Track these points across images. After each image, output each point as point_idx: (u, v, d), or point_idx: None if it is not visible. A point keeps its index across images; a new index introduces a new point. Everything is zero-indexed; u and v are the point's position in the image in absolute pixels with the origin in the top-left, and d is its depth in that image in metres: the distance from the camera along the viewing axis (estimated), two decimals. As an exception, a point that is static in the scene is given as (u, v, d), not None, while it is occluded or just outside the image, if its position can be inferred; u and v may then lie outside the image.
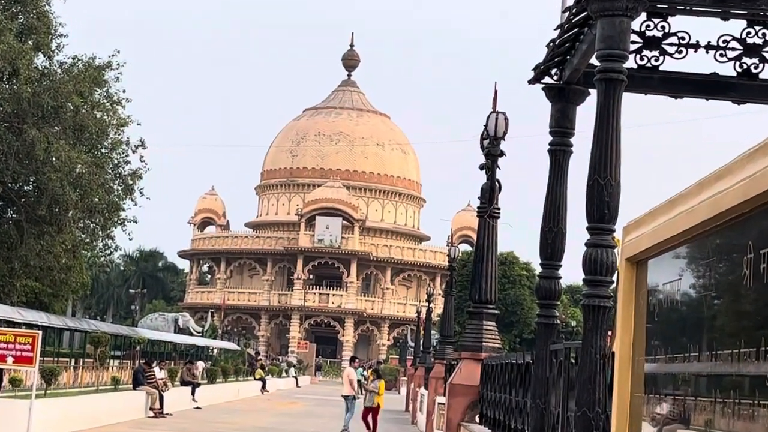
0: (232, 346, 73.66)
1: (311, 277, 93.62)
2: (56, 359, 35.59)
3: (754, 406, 2.20)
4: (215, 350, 66.07)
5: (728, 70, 7.86)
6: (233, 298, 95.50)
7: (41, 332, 19.26)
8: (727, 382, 2.35)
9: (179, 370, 35.65)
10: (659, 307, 2.94)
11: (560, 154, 8.36)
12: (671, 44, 7.70)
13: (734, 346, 2.31)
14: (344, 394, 26.89)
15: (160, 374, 30.55)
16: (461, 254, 48.57)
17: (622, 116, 6.23)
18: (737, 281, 2.32)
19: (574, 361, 7.38)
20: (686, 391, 2.64)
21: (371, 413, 25.85)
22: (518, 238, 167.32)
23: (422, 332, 47.66)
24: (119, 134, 34.90)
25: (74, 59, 33.77)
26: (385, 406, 28.18)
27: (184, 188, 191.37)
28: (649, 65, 7.74)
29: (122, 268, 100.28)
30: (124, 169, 35.27)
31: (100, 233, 36.23)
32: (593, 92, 6.89)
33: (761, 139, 2.29)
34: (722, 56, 7.80)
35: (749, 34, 7.79)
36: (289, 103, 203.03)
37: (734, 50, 7.82)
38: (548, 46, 8.15)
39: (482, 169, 15.86)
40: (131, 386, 29.25)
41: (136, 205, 35.67)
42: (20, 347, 17.43)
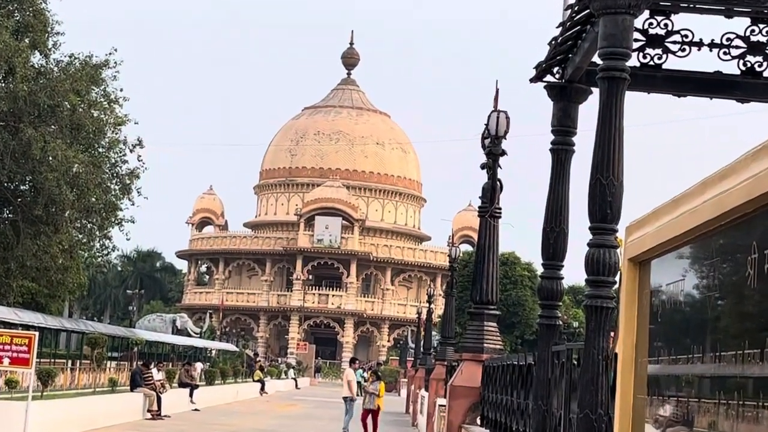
0: (230, 347, 73.72)
1: (310, 277, 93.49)
2: (53, 360, 35.65)
3: (758, 407, 2.16)
4: (213, 351, 66.12)
5: (732, 68, 7.85)
6: (232, 298, 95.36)
7: (38, 333, 19.28)
8: (731, 383, 2.32)
9: (177, 371, 35.63)
10: (662, 307, 2.92)
11: (562, 153, 8.34)
12: (674, 42, 7.68)
13: (738, 347, 2.29)
14: (344, 395, 26.91)
15: (157, 376, 30.54)
16: (462, 254, 48.63)
17: (624, 115, 6.22)
18: (741, 282, 2.29)
19: (576, 362, 7.35)
20: (689, 392, 2.62)
21: (371, 415, 25.84)
22: (520, 238, 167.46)
23: (423, 333, 47.66)
24: (116, 133, 34.84)
25: (71, 57, 33.68)
26: (385, 408, 28.18)
27: (182, 188, 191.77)
28: (652, 63, 7.72)
29: (120, 268, 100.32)
30: (121, 168, 35.22)
31: (97, 233, 36.17)
32: (595, 91, 6.86)
33: (765, 137, 2.26)
34: (726, 54, 7.78)
35: (753, 32, 7.77)
36: (288, 101, 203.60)
37: (738, 48, 7.80)
38: (550, 44, 8.13)
39: (483, 168, 15.85)
40: (129, 388, 29.23)
41: (133, 204, 35.71)
42: (17, 348, 17.39)
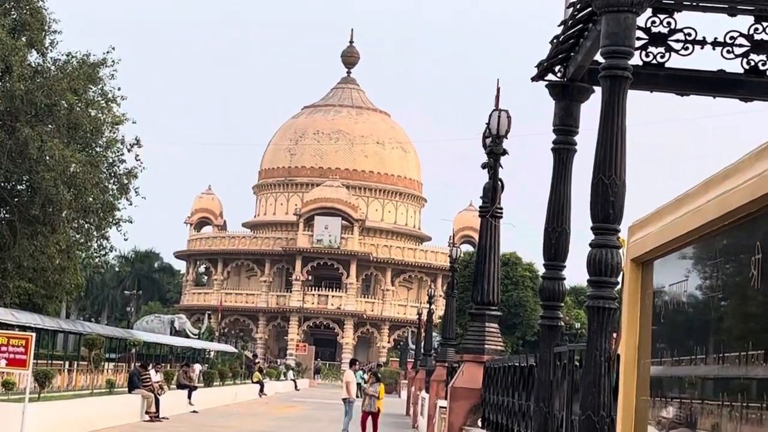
0: (229, 348, 73.74)
1: (310, 278, 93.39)
2: (50, 362, 35.60)
3: (761, 409, 2.17)
4: (212, 353, 66.07)
5: (735, 67, 7.85)
6: (230, 299, 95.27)
7: (35, 334, 19.21)
8: (734, 385, 2.33)
9: (175, 373, 35.68)
10: (665, 308, 2.92)
11: (564, 152, 8.33)
12: (677, 41, 7.68)
13: (742, 348, 2.29)
14: (343, 397, 26.93)
15: (156, 377, 30.56)
16: (463, 255, 48.69)
17: (627, 114, 6.20)
18: (745, 282, 2.29)
19: (578, 363, 7.35)
20: (693, 394, 2.63)
21: (371, 417, 25.82)
22: (521, 238, 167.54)
23: (423, 334, 47.61)
24: (114, 132, 34.74)
25: (68, 56, 33.57)
26: (385, 410, 28.16)
27: (180, 187, 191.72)
28: (654, 62, 7.72)
29: (117, 269, 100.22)
30: (119, 168, 35.12)
31: (94, 233, 36.11)
32: (598, 89, 6.84)
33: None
34: (729, 53, 7.78)
35: (756, 30, 7.77)
36: (287, 100, 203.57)
37: (741, 47, 7.80)
38: (552, 42, 8.11)
39: (484, 167, 15.85)
40: (126, 389, 29.23)
41: (131, 204, 35.62)
42: (13, 349, 17.39)
